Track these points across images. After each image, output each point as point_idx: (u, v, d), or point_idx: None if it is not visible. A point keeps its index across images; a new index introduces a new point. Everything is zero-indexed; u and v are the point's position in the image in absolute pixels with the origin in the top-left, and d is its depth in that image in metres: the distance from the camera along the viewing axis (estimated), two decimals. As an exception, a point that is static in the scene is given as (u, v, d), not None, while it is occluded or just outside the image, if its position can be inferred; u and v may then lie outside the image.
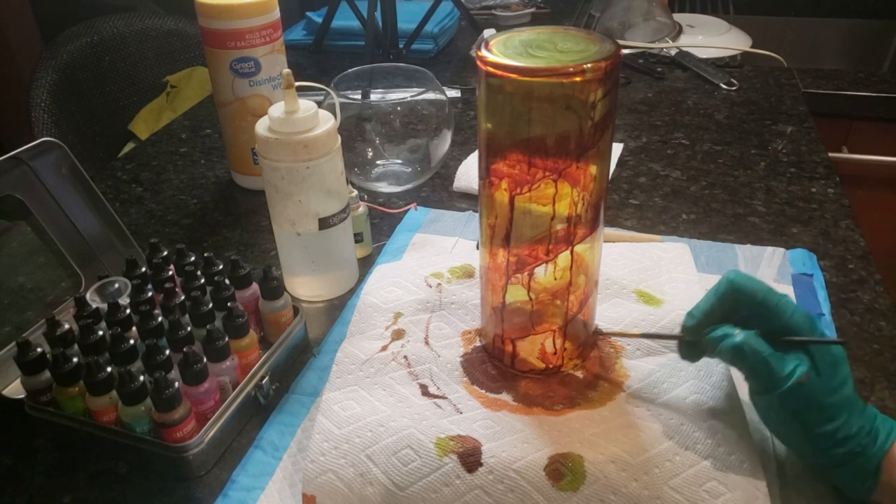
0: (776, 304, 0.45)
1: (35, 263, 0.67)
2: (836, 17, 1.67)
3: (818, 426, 0.43)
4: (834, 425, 0.43)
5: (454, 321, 0.60)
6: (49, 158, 0.62)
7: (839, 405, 0.43)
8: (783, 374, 0.43)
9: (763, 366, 0.44)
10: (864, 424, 0.43)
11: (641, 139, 0.97)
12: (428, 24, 1.28)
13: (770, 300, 0.45)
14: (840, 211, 0.78)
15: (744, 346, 0.44)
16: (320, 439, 0.49)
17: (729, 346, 0.45)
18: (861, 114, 1.18)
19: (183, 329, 0.53)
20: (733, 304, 0.47)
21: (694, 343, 0.49)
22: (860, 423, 0.43)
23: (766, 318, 0.45)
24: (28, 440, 0.54)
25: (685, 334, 0.49)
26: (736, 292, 0.46)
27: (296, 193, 0.61)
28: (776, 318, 0.45)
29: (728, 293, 0.47)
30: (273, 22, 0.78)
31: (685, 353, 0.50)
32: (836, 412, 0.43)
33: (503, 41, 0.46)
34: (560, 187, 0.46)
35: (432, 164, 0.85)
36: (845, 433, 0.43)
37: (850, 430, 0.43)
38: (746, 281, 0.46)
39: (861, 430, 0.43)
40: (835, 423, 0.43)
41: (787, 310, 0.45)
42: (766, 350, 0.44)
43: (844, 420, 0.43)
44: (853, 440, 0.43)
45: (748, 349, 0.44)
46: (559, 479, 0.45)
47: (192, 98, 1.29)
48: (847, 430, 0.43)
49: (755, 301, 0.46)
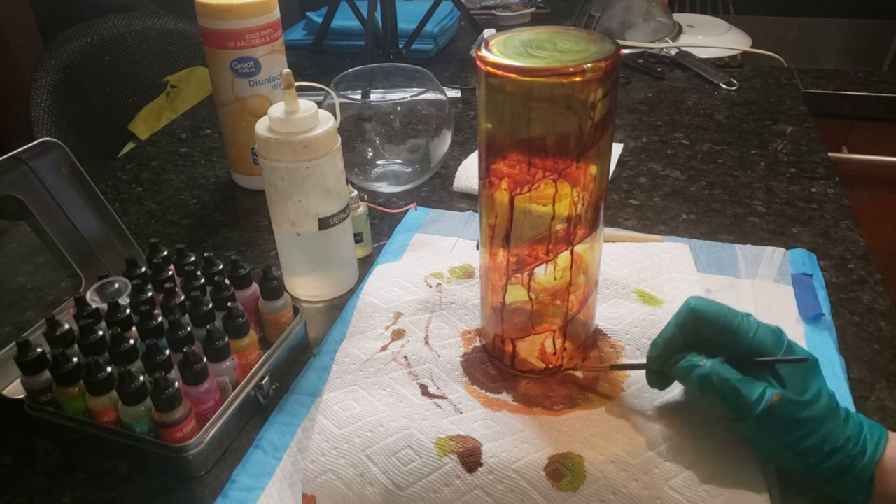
0: (738, 326, 0.45)
1: (35, 263, 0.67)
2: (836, 17, 1.67)
3: (801, 442, 0.43)
4: (816, 439, 0.42)
5: (454, 321, 0.60)
6: (49, 158, 0.62)
7: (817, 418, 0.42)
8: (753, 399, 0.43)
9: (732, 393, 0.44)
10: (851, 435, 0.43)
11: (641, 139, 0.97)
12: (428, 24, 1.28)
13: (731, 323, 0.45)
14: (840, 211, 0.78)
15: (711, 375, 0.44)
16: (320, 439, 0.49)
17: (697, 376, 0.45)
18: (861, 114, 1.18)
19: (183, 329, 0.53)
20: (695, 330, 0.47)
21: (661, 372, 0.49)
22: (846, 434, 0.43)
23: (730, 342, 0.45)
24: (28, 440, 0.54)
25: (650, 363, 0.49)
26: (697, 319, 0.46)
27: (296, 193, 0.61)
28: (740, 340, 0.45)
29: (689, 320, 0.47)
30: (273, 22, 0.78)
31: (652, 382, 0.50)
32: (815, 425, 0.42)
33: (503, 41, 0.46)
34: (560, 187, 0.46)
35: (432, 164, 0.85)
36: (832, 445, 0.42)
37: (836, 441, 0.42)
38: (707, 305, 0.46)
39: (848, 442, 0.42)
40: (817, 437, 0.42)
41: (749, 330, 0.45)
42: (734, 376, 0.44)
43: (827, 432, 0.42)
44: (841, 452, 0.42)
45: (715, 378, 0.44)
46: (559, 479, 0.45)
47: (192, 98, 1.29)
48: (833, 441, 0.42)
49: (717, 325, 0.46)
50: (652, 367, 0.49)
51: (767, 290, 0.65)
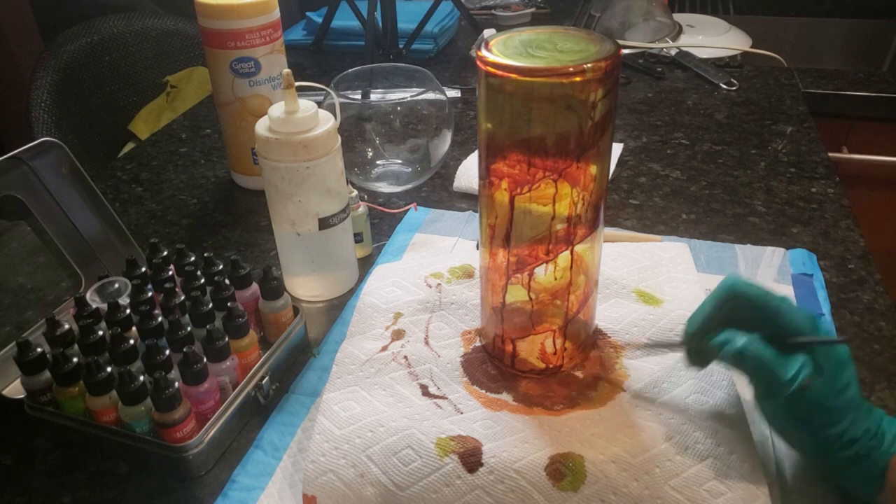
0: (776, 307, 0.45)
1: (35, 263, 0.67)
2: (836, 17, 1.67)
3: (823, 429, 0.43)
4: (839, 428, 0.42)
5: (454, 321, 0.60)
6: (49, 158, 0.62)
7: (844, 407, 0.43)
8: (787, 378, 0.43)
9: (766, 370, 0.43)
10: (871, 426, 0.43)
11: (641, 139, 0.97)
12: (428, 24, 1.28)
13: (770, 303, 0.45)
14: (840, 211, 0.78)
15: (745, 351, 0.44)
16: (320, 439, 0.49)
17: (731, 352, 0.45)
18: (861, 114, 1.18)
19: (183, 329, 0.53)
20: (733, 309, 0.46)
21: (697, 350, 0.48)
22: (866, 425, 0.43)
23: (768, 321, 0.45)
24: (28, 440, 0.54)
25: (686, 341, 0.49)
26: (735, 297, 0.46)
27: (296, 193, 0.61)
28: (777, 321, 0.45)
29: (727, 298, 0.46)
30: (273, 22, 0.78)
31: (691, 360, 0.49)
32: (841, 414, 0.42)
33: (503, 41, 0.46)
34: (560, 187, 0.46)
35: (432, 164, 0.85)
36: (851, 435, 0.42)
37: (855, 432, 0.42)
38: (745, 285, 0.46)
39: (867, 433, 0.43)
40: (840, 426, 0.42)
41: (787, 312, 0.45)
42: (769, 354, 0.43)
43: (850, 422, 0.42)
44: (859, 442, 0.42)
45: (750, 354, 0.44)
46: (560, 479, 0.45)
47: (192, 98, 1.29)
48: (853, 432, 0.42)
49: (755, 305, 0.45)
50: (688, 344, 0.49)
51: (767, 290, 0.65)
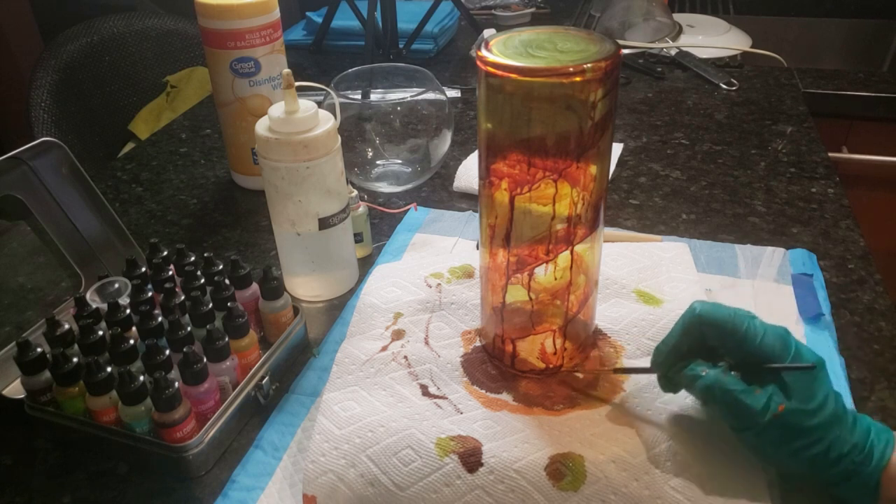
0: (745, 332, 0.44)
1: (35, 263, 0.67)
2: (836, 17, 1.67)
3: (806, 450, 0.42)
4: (822, 446, 0.42)
5: (454, 321, 0.60)
6: (49, 158, 0.62)
7: (823, 425, 0.42)
8: (758, 410, 0.42)
9: (735, 405, 0.43)
10: (858, 441, 0.42)
11: (641, 139, 0.97)
12: (428, 24, 1.28)
13: (738, 328, 0.44)
14: (840, 211, 0.78)
15: (713, 387, 0.44)
16: (321, 440, 0.49)
17: (700, 388, 0.44)
18: (861, 114, 1.18)
19: (183, 329, 0.53)
20: (700, 335, 0.46)
21: (667, 378, 0.48)
22: (853, 441, 0.42)
23: (737, 346, 0.44)
24: (28, 440, 0.54)
25: (654, 369, 0.49)
26: (702, 324, 0.45)
27: (296, 193, 0.61)
28: (746, 345, 0.44)
29: (694, 325, 0.46)
30: (273, 22, 0.78)
31: (664, 386, 0.49)
32: (822, 433, 0.42)
33: (503, 41, 0.46)
34: (560, 187, 0.46)
35: (432, 164, 0.85)
36: (838, 452, 0.42)
37: (841, 448, 0.42)
38: (712, 310, 0.45)
39: (854, 448, 0.42)
40: (823, 444, 0.42)
41: (756, 335, 0.44)
42: (737, 386, 0.43)
43: (833, 438, 0.42)
44: (847, 458, 0.42)
45: (718, 390, 0.43)
46: (560, 478, 0.45)
47: (192, 98, 1.29)
48: (839, 448, 0.42)
49: (723, 331, 0.45)
50: (656, 372, 0.49)
51: (767, 291, 0.65)
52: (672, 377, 0.48)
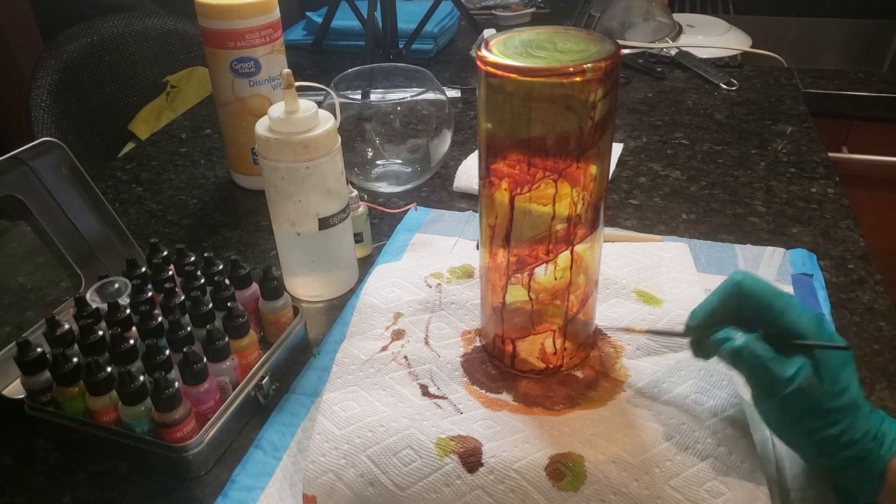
0: (782, 307, 0.44)
1: (35, 263, 0.67)
2: (836, 17, 1.67)
3: (821, 430, 0.42)
4: (837, 429, 0.42)
5: (454, 321, 0.60)
6: (49, 158, 0.62)
7: (842, 409, 0.42)
8: (784, 379, 0.42)
9: (763, 371, 0.43)
10: (870, 429, 0.42)
11: (641, 139, 0.97)
12: (428, 24, 1.28)
13: (776, 303, 0.45)
14: (840, 211, 0.78)
15: (743, 350, 0.44)
16: (320, 440, 0.49)
17: (729, 350, 0.45)
18: (861, 114, 1.18)
19: (183, 329, 0.53)
20: (737, 306, 0.46)
21: (699, 342, 0.48)
22: (865, 427, 0.42)
23: (773, 320, 0.45)
24: (28, 440, 0.54)
25: (687, 333, 0.49)
26: (741, 295, 0.46)
27: (296, 193, 0.61)
28: (782, 320, 0.44)
29: (733, 294, 0.46)
30: (273, 22, 0.78)
31: (695, 352, 0.49)
32: (839, 416, 0.42)
33: (503, 41, 0.46)
34: (560, 187, 0.46)
35: (432, 164, 0.85)
36: (849, 437, 0.42)
37: (854, 434, 0.42)
38: (753, 283, 0.46)
39: (866, 435, 0.42)
40: (838, 427, 0.42)
41: (793, 312, 0.44)
42: (768, 354, 0.43)
43: (848, 424, 0.42)
44: (857, 444, 0.42)
45: (747, 354, 0.44)
46: (560, 478, 0.45)
47: (192, 98, 1.29)
48: (851, 434, 0.42)
49: (761, 303, 0.45)
50: (689, 336, 0.49)
51: (767, 290, 0.65)
52: (704, 342, 0.47)
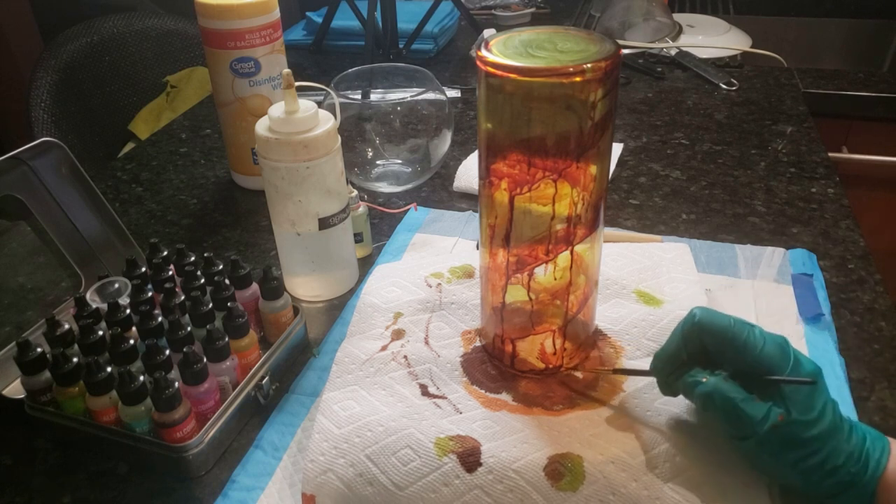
0: (744, 341, 0.44)
1: (35, 263, 0.67)
2: (836, 17, 1.67)
3: (803, 461, 0.42)
4: (819, 457, 0.41)
5: (454, 321, 0.60)
6: (49, 158, 0.62)
7: (821, 437, 0.41)
8: (757, 419, 0.42)
9: (735, 413, 0.43)
10: (853, 451, 0.42)
11: (641, 139, 0.97)
12: (428, 24, 1.28)
13: (738, 337, 0.44)
14: (840, 211, 0.78)
15: (713, 394, 0.43)
16: (320, 439, 0.49)
17: (699, 395, 0.44)
18: (861, 114, 1.18)
19: (183, 329, 0.53)
20: (700, 343, 0.46)
21: (667, 383, 0.48)
22: (847, 450, 0.42)
23: (736, 355, 0.44)
24: (28, 440, 0.54)
25: (654, 374, 0.49)
26: (702, 331, 0.45)
27: (296, 193, 0.61)
28: (746, 354, 0.44)
29: (693, 332, 0.46)
30: (273, 22, 0.78)
31: (663, 390, 0.49)
32: (819, 445, 0.41)
33: (503, 41, 0.46)
34: (560, 187, 0.46)
35: (432, 164, 0.85)
36: (833, 463, 0.41)
37: (837, 459, 0.41)
38: (712, 318, 0.45)
39: (850, 458, 0.42)
40: (820, 455, 0.41)
41: (756, 345, 0.44)
42: (738, 395, 0.43)
43: (830, 450, 0.41)
44: (842, 469, 0.41)
45: (718, 397, 0.43)
46: (559, 479, 0.45)
47: (192, 98, 1.29)
48: (835, 459, 0.41)
49: (723, 339, 0.44)
50: (655, 377, 0.49)
51: (767, 291, 0.65)
52: (671, 383, 0.47)
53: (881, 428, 0.45)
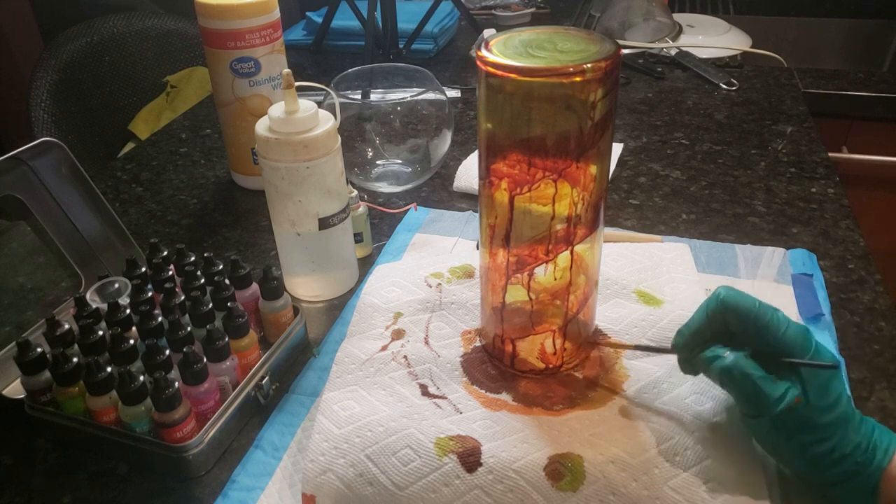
0: (768, 322, 0.44)
1: (35, 263, 0.67)
2: (836, 17, 1.67)
3: (813, 446, 0.42)
4: (829, 445, 0.42)
5: (454, 321, 0.60)
6: (49, 158, 0.62)
7: (833, 424, 0.42)
8: (774, 398, 0.42)
9: (752, 390, 0.43)
10: (861, 441, 0.42)
11: (641, 139, 0.97)
12: (428, 24, 1.28)
13: (762, 318, 0.44)
14: (840, 211, 0.78)
15: (733, 369, 0.44)
16: (320, 439, 0.49)
17: (718, 369, 0.44)
18: (861, 114, 1.18)
19: (183, 329, 0.53)
20: (723, 322, 0.46)
21: (687, 360, 0.48)
22: (856, 440, 0.42)
23: (758, 336, 0.44)
24: (28, 440, 0.54)
25: (675, 351, 0.49)
26: (726, 310, 0.45)
27: (296, 193, 0.61)
28: (769, 336, 0.44)
29: (718, 310, 0.46)
30: (273, 22, 0.78)
31: (683, 369, 0.49)
32: (830, 432, 0.42)
33: (503, 41, 0.46)
34: (560, 187, 0.46)
35: (432, 164, 0.85)
36: (841, 451, 0.42)
37: (846, 448, 0.42)
38: (737, 298, 0.45)
39: (857, 448, 0.42)
40: (830, 443, 0.42)
41: (779, 327, 0.44)
42: (757, 373, 0.43)
43: (840, 438, 0.42)
44: (849, 458, 0.42)
45: (737, 373, 0.43)
46: (559, 479, 0.45)
47: (192, 98, 1.29)
48: (843, 448, 0.42)
49: (746, 319, 0.45)
50: (677, 354, 0.49)
51: (767, 291, 0.65)
52: (692, 360, 0.47)
53: (881, 428, 0.45)
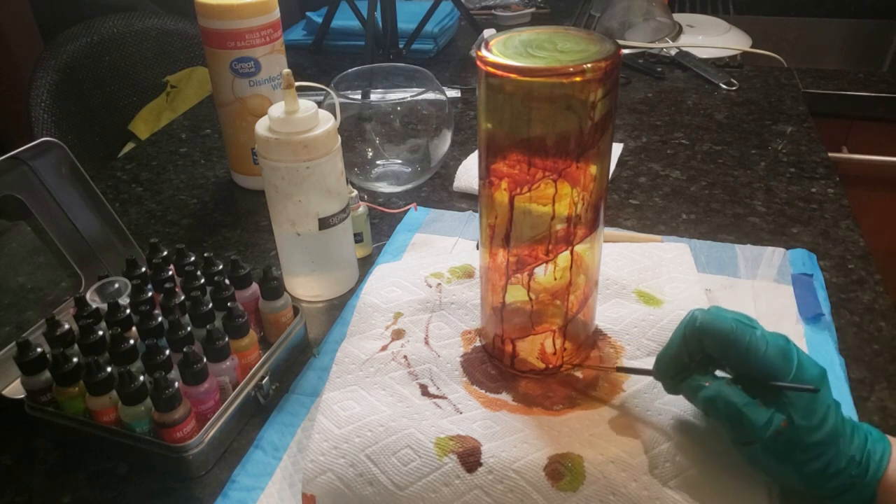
0: (747, 345, 0.43)
1: (35, 263, 0.67)
2: (836, 17, 1.67)
3: (806, 465, 0.42)
4: (822, 462, 0.41)
5: (454, 321, 0.60)
6: (49, 158, 0.62)
7: (824, 442, 0.41)
8: (760, 425, 0.41)
9: (738, 418, 0.42)
10: (855, 454, 0.42)
11: (641, 139, 0.97)
12: (428, 24, 1.28)
13: (740, 341, 0.43)
14: (840, 211, 0.78)
15: (716, 399, 0.43)
16: (320, 439, 0.49)
17: (701, 400, 0.44)
18: (861, 114, 1.18)
19: (183, 329, 0.53)
20: (701, 345, 0.45)
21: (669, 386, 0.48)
22: (850, 454, 0.42)
23: (739, 359, 0.43)
24: (28, 440, 0.54)
25: (657, 377, 0.48)
26: (702, 335, 0.44)
27: (296, 193, 0.61)
28: (749, 358, 0.43)
29: (694, 336, 0.45)
30: (273, 22, 0.78)
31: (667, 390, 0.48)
32: (822, 450, 0.41)
33: (503, 41, 0.46)
34: (560, 187, 0.46)
35: (432, 164, 0.85)
36: (836, 467, 0.41)
37: (840, 463, 0.41)
38: (713, 322, 0.44)
39: (851, 462, 0.41)
40: (823, 460, 0.41)
41: (759, 348, 0.43)
42: (741, 400, 0.42)
43: (833, 454, 0.41)
44: (844, 472, 0.41)
45: (721, 402, 0.43)
46: (559, 479, 0.45)
47: (192, 98, 1.29)
48: (837, 463, 0.41)
49: (725, 342, 0.43)
50: (658, 379, 0.48)
51: (767, 291, 0.65)
52: (675, 387, 0.47)
53: (881, 428, 0.45)
